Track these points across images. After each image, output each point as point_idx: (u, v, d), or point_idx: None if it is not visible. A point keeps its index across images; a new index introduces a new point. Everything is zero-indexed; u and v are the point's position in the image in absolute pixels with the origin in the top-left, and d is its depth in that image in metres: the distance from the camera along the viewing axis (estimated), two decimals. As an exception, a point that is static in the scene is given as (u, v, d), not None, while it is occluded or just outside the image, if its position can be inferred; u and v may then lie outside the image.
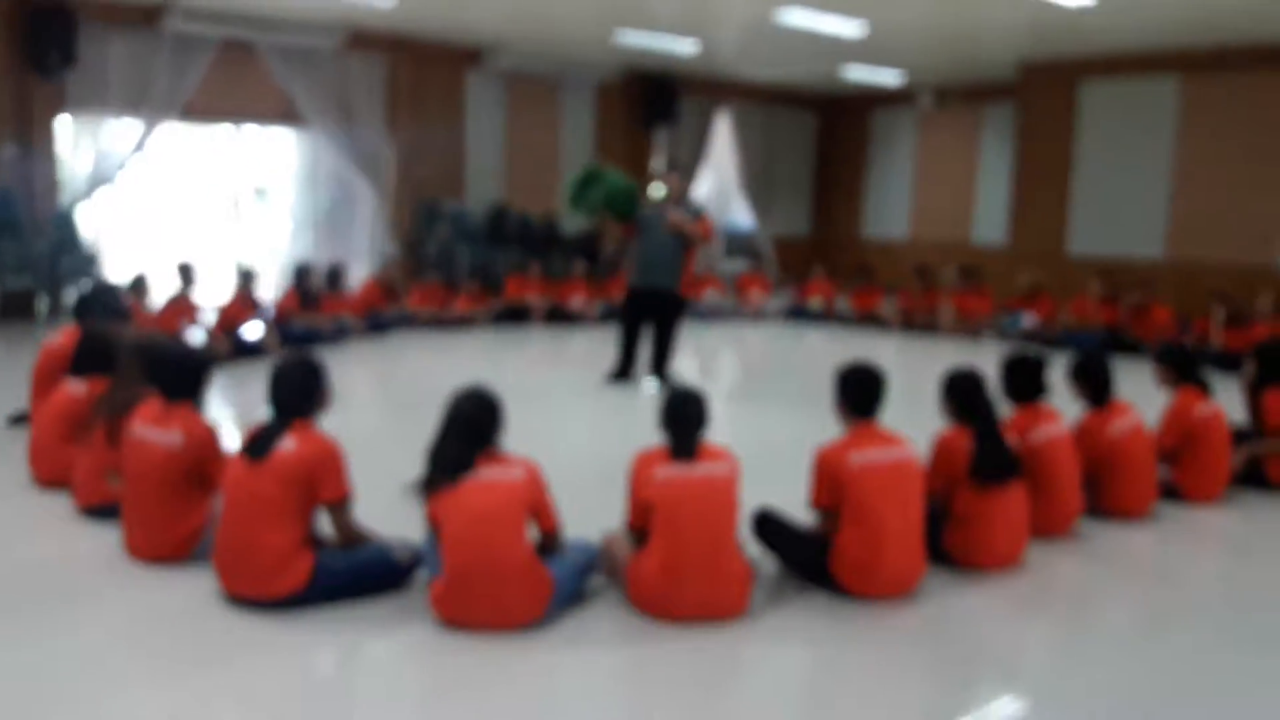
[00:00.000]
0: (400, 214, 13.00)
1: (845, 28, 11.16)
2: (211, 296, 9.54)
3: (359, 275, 11.95)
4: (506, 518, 3.54)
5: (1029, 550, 4.35)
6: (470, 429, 3.65)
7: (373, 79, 12.71)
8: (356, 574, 3.73)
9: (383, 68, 12.80)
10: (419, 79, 12.93)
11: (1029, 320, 11.20)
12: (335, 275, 10.39)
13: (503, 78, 13.70)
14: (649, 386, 8.06)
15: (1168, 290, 11.26)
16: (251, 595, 3.62)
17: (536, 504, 3.64)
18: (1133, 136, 12.54)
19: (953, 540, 4.20)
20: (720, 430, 4.10)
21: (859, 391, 4.00)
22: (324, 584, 3.65)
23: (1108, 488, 4.90)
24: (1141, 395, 5.44)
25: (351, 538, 3.80)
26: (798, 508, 4.13)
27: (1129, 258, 12.34)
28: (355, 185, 13.00)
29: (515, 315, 11.78)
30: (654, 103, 14.84)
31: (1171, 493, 5.21)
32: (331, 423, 3.95)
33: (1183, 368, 5.38)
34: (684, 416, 3.77)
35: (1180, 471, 5.24)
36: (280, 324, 9.38)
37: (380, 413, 7.13)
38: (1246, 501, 5.34)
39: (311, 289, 9.95)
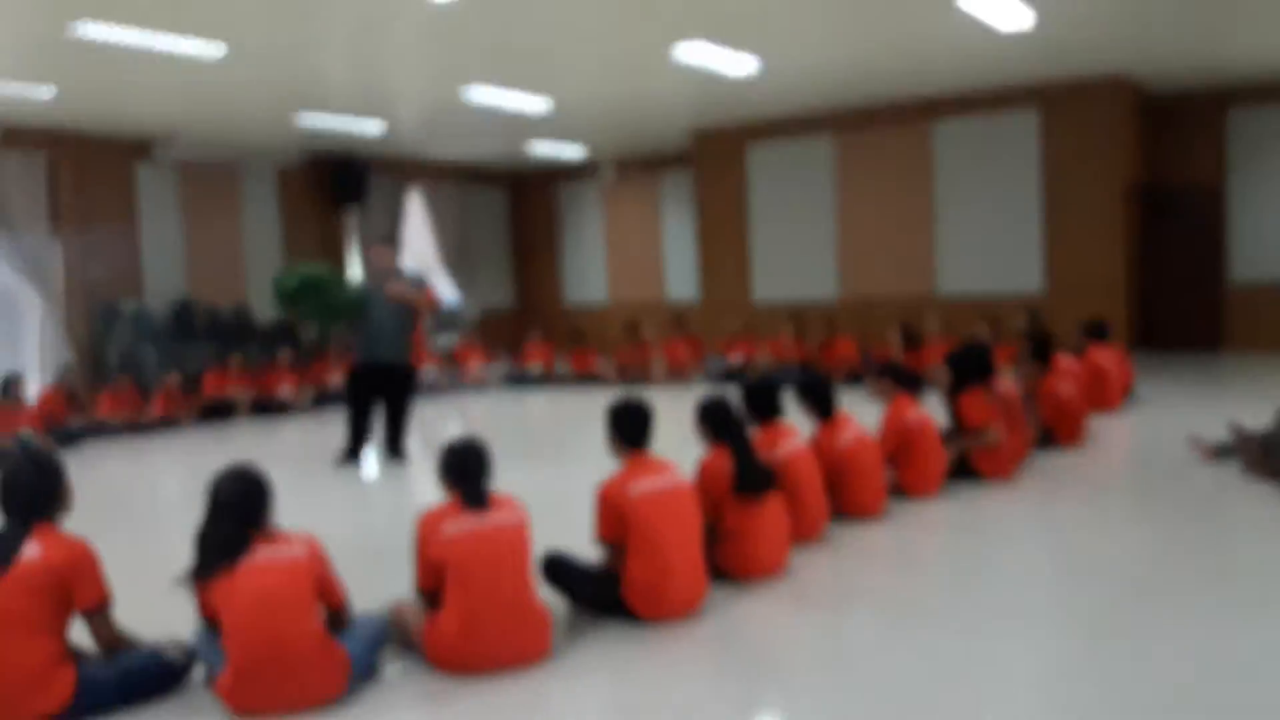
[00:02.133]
0: (73, 319, 11.94)
1: (530, 104, 11.56)
2: None
3: (34, 389, 10.83)
4: (292, 597, 3.36)
5: (790, 554, 4.67)
6: (239, 509, 3.46)
7: (31, 178, 11.66)
8: (126, 681, 3.39)
9: (42, 165, 11.77)
10: (83, 175, 12.01)
11: (733, 361, 11.98)
12: (10, 385, 9.41)
13: (176, 168, 13.01)
14: (376, 466, 7.89)
15: (846, 324, 12.42)
16: (5, 723, 3.21)
17: (321, 579, 3.48)
18: (799, 191, 13.79)
19: (724, 555, 4.43)
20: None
21: (631, 424, 4.15)
22: (90, 698, 3.30)
23: (845, 491, 5.34)
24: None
25: (115, 643, 3.46)
26: (573, 550, 4.25)
27: (809, 299, 13.49)
28: (18, 293, 11.83)
29: (220, 412, 11.12)
30: (341, 184, 14.61)
31: (898, 491, 5.77)
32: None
33: (900, 378, 6.00)
34: (469, 466, 3.75)
35: (902, 471, 5.81)
36: (-51, 447, 8.34)
37: (91, 526, 6.49)
38: (960, 491, 5.99)
39: (-16, 404, 8.94)
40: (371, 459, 8.07)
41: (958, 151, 12.64)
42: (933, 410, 6.17)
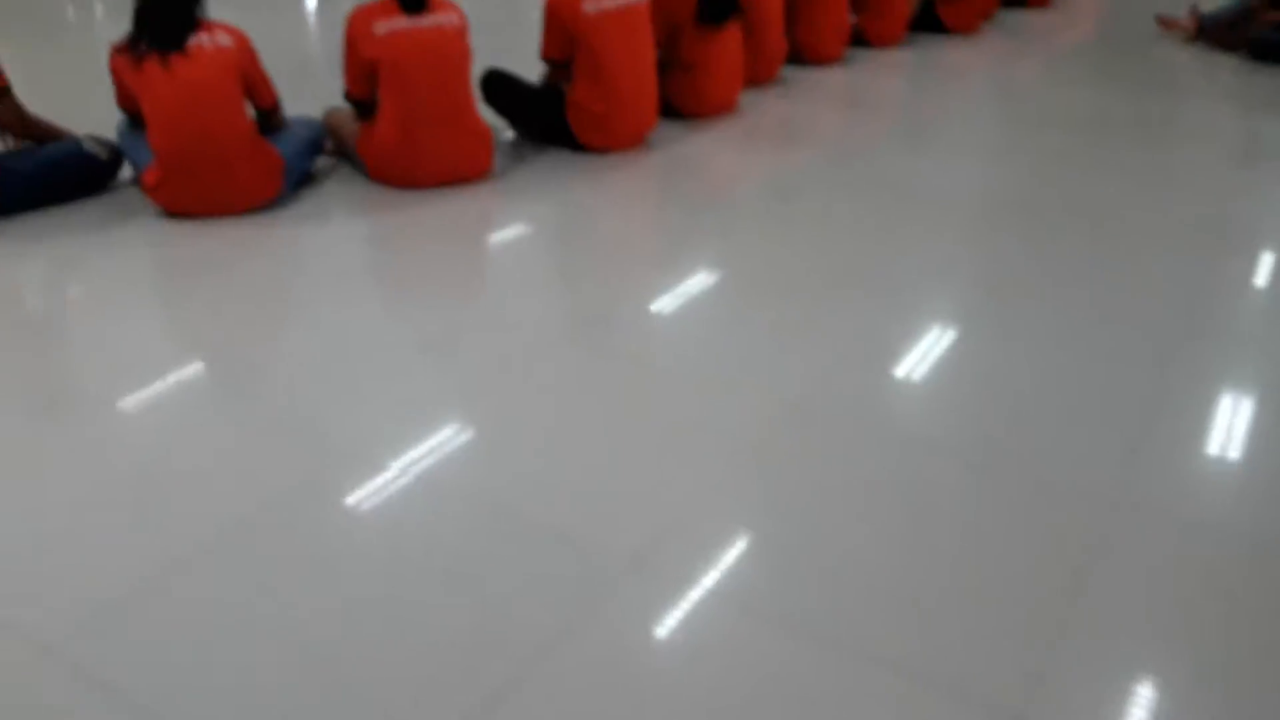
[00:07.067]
0: None
1: None
2: None
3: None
4: (220, 89, 3.16)
5: (741, 96, 4.53)
6: None
7: None
8: (48, 171, 3.28)
9: None
10: None
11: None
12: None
13: None
14: None
15: None
16: (-79, 211, 3.12)
17: (251, 74, 3.27)
18: None
19: (676, 88, 4.26)
20: None
21: None
22: (7, 188, 3.20)
23: (806, 25, 5.09)
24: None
25: (29, 129, 3.29)
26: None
27: None
28: None
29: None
30: None
31: (858, 40, 5.52)
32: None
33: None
34: (407, -40, 3.42)
35: (865, 17, 5.53)
36: None
37: (8, 40, 6.06)
38: (923, 43, 5.78)
39: None
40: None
41: None
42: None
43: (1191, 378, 2.36)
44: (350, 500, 1.90)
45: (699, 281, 2.90)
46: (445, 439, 2.10)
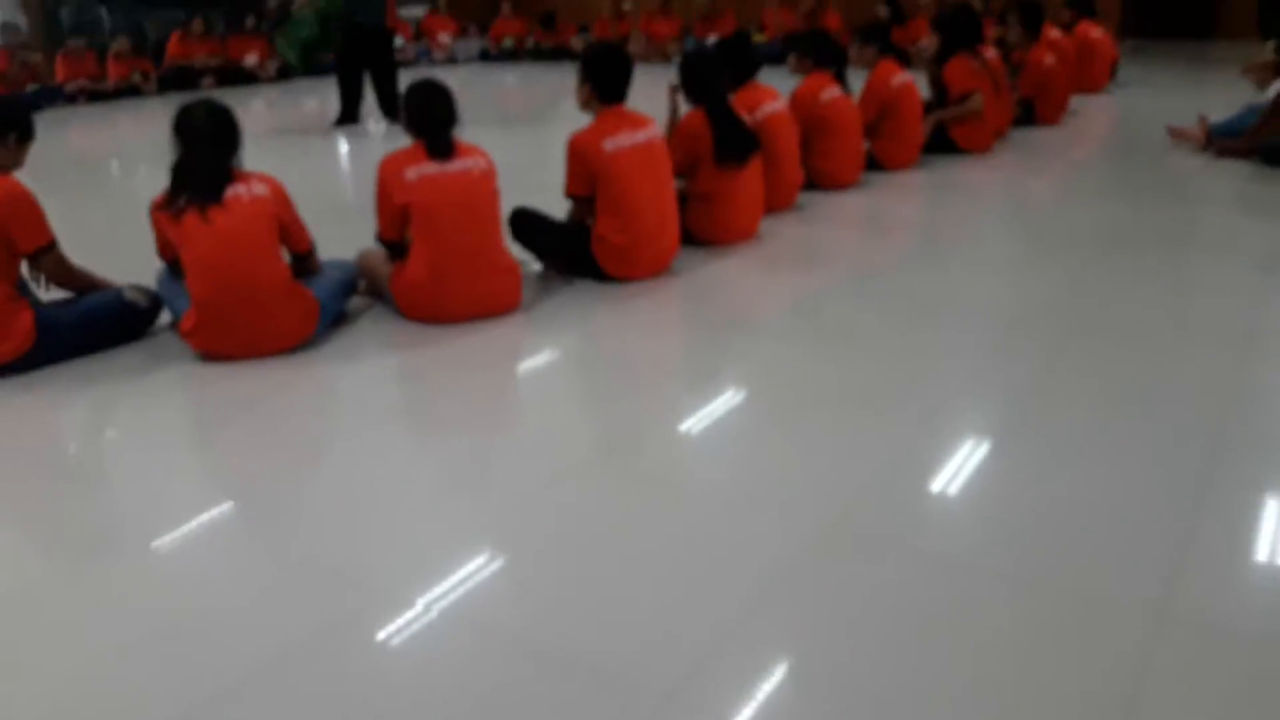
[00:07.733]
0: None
1: None
2: None
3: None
4: (257, 237, 3.27)
5: (761, 222, 4.63)
6: (217, 139, 3.28)
7: None
8: (87, 322, 3.37)
9: None
10: None
11: (713, 41, 11.48)
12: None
13: None
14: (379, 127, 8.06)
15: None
16: (-35, 366, 3.20)
17: (286, 221, 3.38)
18: None
19: (696, 218, 4.36)
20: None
21: (608, 72, 3.89)
22: (51, 338, 3.28)
23: (822, 156, 5.22)
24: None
25: (72, 280, 3.40)
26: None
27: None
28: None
29: (183, 81, 10.64)
30: None
31: (873, 165, 5.65)
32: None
33: (885, 44, 5.72)
34: (434, 111, 3.55)
35: (880, 142, 5.68)
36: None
37: (51, 186, 6.32)
38: (937, 164, 5.90)
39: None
40: (367, 122, 8.15)
41: None
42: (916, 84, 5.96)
43: (1230, 484, 2.32)
44: (381, 637, 1.89)
45: (726, 402, 2.92)
46: (475, 573, 2.09)
